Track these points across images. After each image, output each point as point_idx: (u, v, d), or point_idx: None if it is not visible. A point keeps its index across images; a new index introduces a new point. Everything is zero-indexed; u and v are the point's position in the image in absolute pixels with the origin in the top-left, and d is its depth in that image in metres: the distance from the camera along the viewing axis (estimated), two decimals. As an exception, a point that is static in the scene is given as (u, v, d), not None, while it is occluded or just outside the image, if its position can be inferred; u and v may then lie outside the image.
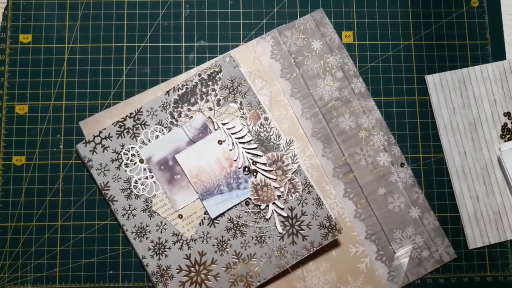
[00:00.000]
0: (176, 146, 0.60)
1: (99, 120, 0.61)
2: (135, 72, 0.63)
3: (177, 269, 0.58)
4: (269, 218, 0.59)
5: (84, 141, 0.59)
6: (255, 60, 0.62)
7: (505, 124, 0.63)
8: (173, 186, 0.59)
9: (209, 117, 0.60)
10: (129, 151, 0.59)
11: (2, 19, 0.63)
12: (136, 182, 0.59)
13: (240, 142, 0.60)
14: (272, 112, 0.61)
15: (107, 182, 0.59)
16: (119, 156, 0.59)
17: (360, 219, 0.61)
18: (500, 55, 0.65)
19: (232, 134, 0.60)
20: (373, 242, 0.61)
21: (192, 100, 0.60)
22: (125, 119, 0.60)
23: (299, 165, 0.60)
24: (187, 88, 0.60)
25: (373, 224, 0.61)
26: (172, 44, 0.63)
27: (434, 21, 0.65)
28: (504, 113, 0.63)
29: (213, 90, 0.61)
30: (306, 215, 0.59)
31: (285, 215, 0.59)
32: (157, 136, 0.60)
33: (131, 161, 0.59)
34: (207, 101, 0.60)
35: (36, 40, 0.63)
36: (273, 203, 0.59)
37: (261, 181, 0.59)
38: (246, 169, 0.59)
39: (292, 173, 0.60)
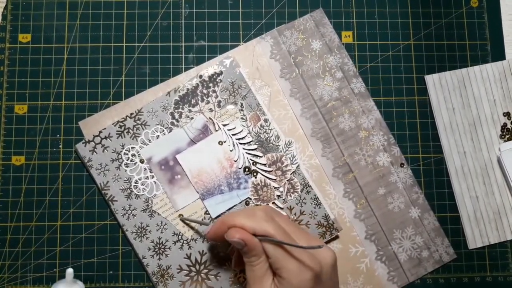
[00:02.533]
0: (176, 146, 0.59)
1: (99, 120, 0.61)
2: (135, 72, 0.63)
3: (177, 268, 0.58)
4: (269, 218, 0.59)
5: (83, 141, 0.59)
6: (255, 60, 0.62)
7: (505, 124, 0.63)
8: (174, 186, 0.59)
9: (210, 118, 0.60)
10: (129, 151, 0.59)
11: (1, 18, 0.63)
12: (136, 182, 0.59)
13: (240, 143, 0.60)
14: (271, 112, 0.61)
15: (107, 182, 0.59)
16: (119, 156, 0.59)
17: (360, 219, 0.61)
18: (499, 55, 0.65)
19: (233, 135, 0.60)
20: (373, 242, 0.61)
21: (193, 101, 0.60)
22: (125, 119, 0.60)
23: (298, 166, 0.60)
24: (188, 90, 0.60)
25: (373, 224, 0.61)
26: (171, 44, 0.63)
27: (433, 21, 0.65)
28: (504, 113, 0.63)
29: (214, 91, 0.61)
30: (305, 214, 0.59)
31: (285, 214, 0.59)
32: (157, 136, 0.60)
33: (131, 161, 0.59)
34: (208, 102, 0.60)
35: (35, 40, 0.63)
36: (273, 203, 0.59)
37: (261, 181, 0.60)
38: (247, 169, 0.59)
39: (291, 174, 0.60)
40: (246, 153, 0.60)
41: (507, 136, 0.63)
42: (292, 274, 0.47)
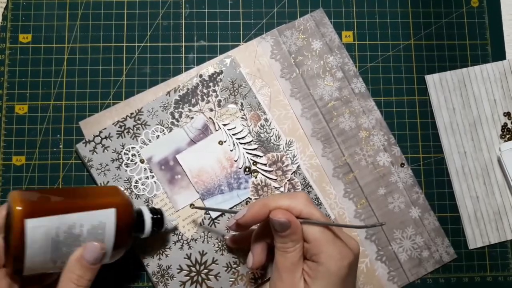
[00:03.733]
0: (177, 146, 0.60)
1: (99, 120, 0.61)
2: (135, 72, 0.63)
3: (177, 269, 0.58)
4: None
5: (84, 140, 0.59)
6: (255, 60, 0.62)
7: (505, 124, 0.63)
8: (174, 186, 0.59)
9: (210, 118, 0.60)
10: (129, 151, 0.59)
11: (1, 19, 0.63)
12: (136, 182, 0.59)
13: (240, 143, 0.60)
14: (272, 112, 0.61)
15: (107, 182, 0.59)
16: (120, 156, 0.59)
17: (360, 219, 0.61)
18: (500, 55, 0.65)
19: (233, 135, 0.60)
20: (373, 242, 0.61)
21: (193, 100, 0.60)
22: (125, 119, 0.60)
23: (298, 166, 0.60)
24: (188, 89, 0.60)
25: (373, 224, 0.61)
26: (172, 44, 0.63)
27: (434, 21, 0.65)
28: (504, 113, 0.63)
29: (214, 91, 0.61)
30: (306, 215, 0.59)
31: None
32: (157, 136, 0.60)
33: (131, 161, 0.59)
34: (208, 102, 0.60)
35: (35, 40, 0.63)
36: (273, 203, 0.59)
37: (261, 181, 0.60)
38: (247, 169, 0.59)
39: (291, 174, 0.60)
40: (247, 153, 0.60)
41: (507, 136, 0.63)
42: (333, 260, 0.46)
